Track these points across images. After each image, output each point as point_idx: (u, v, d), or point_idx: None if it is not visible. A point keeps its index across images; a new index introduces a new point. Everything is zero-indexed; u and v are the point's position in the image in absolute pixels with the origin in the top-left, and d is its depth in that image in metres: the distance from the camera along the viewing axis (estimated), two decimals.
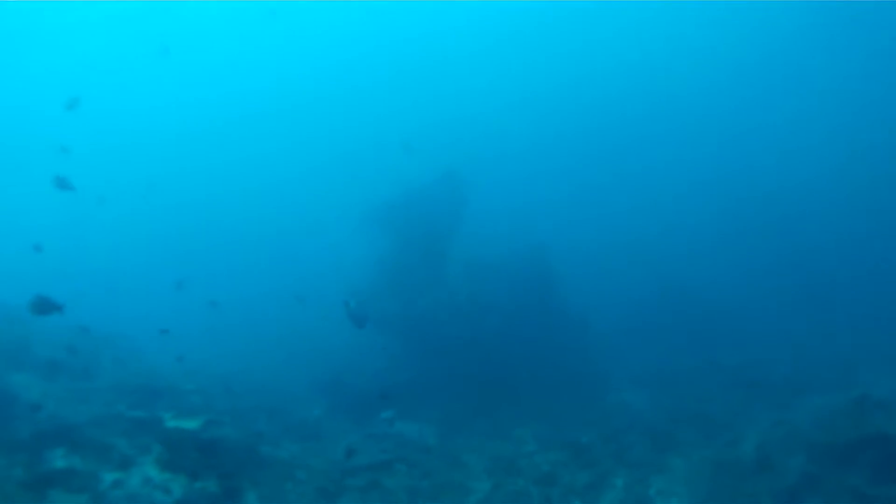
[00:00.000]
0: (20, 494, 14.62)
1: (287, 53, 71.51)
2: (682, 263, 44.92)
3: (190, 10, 66.52)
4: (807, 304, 39.14)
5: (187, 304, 37.86)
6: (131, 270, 58.51)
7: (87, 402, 22.39)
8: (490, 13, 63.58)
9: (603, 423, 25.17)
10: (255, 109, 72.97)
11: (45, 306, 16.97)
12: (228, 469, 17.95)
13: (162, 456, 17.58)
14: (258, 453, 20.56)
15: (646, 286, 42.45)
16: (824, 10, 50.68)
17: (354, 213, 35.85)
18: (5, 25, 63.25)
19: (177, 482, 16.77)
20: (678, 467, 21.07)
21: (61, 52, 68.25)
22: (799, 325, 36.61)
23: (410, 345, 31.21)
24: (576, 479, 20.25)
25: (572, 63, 63.17)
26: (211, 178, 73.26)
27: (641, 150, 59.93)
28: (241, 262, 58.74)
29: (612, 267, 45.64)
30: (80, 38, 67.61)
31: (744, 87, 60.31)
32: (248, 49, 71.50)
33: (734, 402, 27.18)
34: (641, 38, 61.40)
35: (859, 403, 21.81)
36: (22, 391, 21.55)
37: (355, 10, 66.18)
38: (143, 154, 73.84)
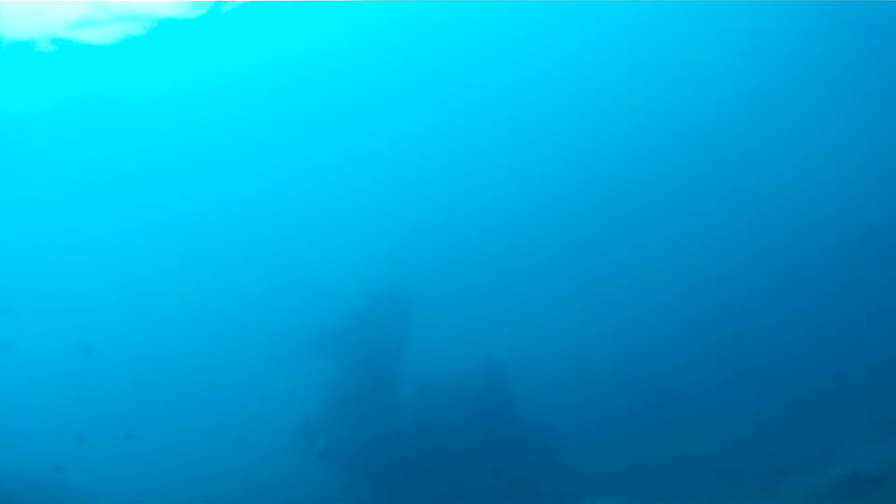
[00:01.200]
0: None
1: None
2: (642, 354, 43.49)
3: None
4: (775, 380, 37.59)
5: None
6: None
7: None
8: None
9: None
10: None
11: None
12: None
13: None
14: None
15: (608, 384, 40.70)
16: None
17: (295, 342, 33.95)
18: None
19: None
20: None
21: None
22: (770, 403, 34.97)
23: (363, 475, 29.13)
24: None
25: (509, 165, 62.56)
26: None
27: (593, 245, 58.72)
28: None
29: (571, 367, 43.91)
30: None
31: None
32: None
33: (716, 495, 25.37)
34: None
35: (851, 481, 20.01)
36: None
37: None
38: None
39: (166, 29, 39.16)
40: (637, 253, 56.70)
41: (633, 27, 52.77)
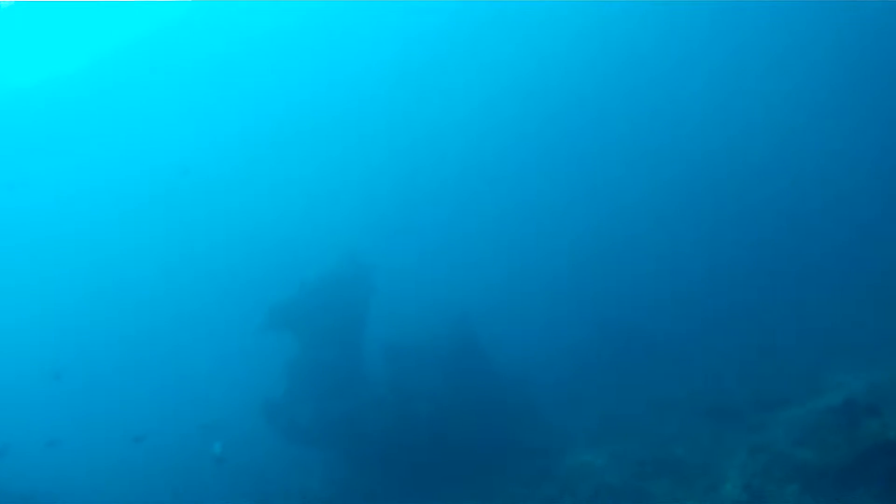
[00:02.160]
0: None
1: None
2: (614, 296, 42.35)
3: None
4: (754, 312, 36.72)
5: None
6: None
7: None
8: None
9: (566, 496, 22.01)
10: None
11: None
12: None
13: None
14: None
15: (581, 329, 39.55)
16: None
17: (253, 318, 31.95)
18: None
19: None
20: None
21: None
22: (749, 337, 34.13)
23: (332, 453, 27.76)
24: None
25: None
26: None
27: (563, 172, 57.16)
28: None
29: (542, 316, 42.71)
30: None
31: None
32: None
33: (702, 436, 24.36)
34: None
35: (846, 411, 19.04)
36: None
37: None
38: None
39: None
40: (609, 184, 55.49)
41: None
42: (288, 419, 27.11)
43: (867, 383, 24.71)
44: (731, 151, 51.99)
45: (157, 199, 64.26)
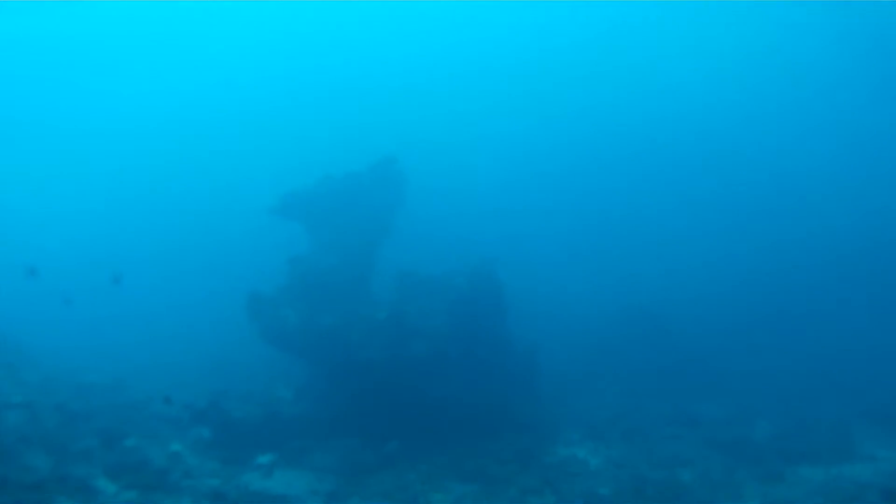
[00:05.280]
0: None
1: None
2: (654, 289, 39.32)
3: None
4: (797, 352, 33.66)
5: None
6: None
7: None
8: None
9: (546, 490, 19.33)
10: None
11: None
12: None
13: None
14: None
15: (610, 317, 36.67)
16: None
17: (266, 202, 29.11)
18: None
19: None
20: None
21: None
22: (789, 377, 31.12)
23: (314, 367, 25.14)
24: None
25: (539, 57, 57.59)
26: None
27: (617, 155, 54.12)
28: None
29: (571, 291, 39.83)
30: None
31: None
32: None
33: (713, 467, 21.71)
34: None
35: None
36: None
37: None
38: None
39: None
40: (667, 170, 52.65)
41: None
42: (273, 319, 24.49)
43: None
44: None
45: None
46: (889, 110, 47.74)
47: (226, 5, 56.98)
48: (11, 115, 62.52)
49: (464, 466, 20.63)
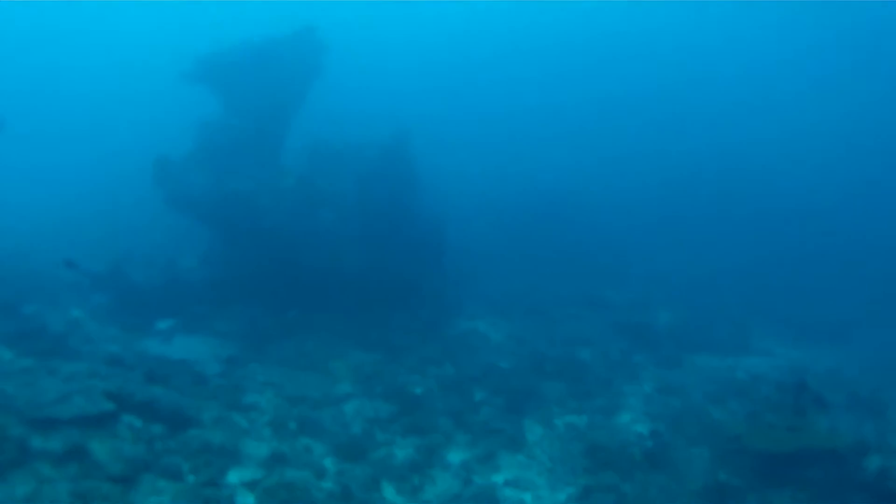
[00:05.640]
0: None
1: None
2: (567, 172, 39.20)
3: None
4: (704, 248, 34.18)
5: None
6: None
7: None
8: None
9: (446, 361, 19.21)
10: None
11: None
12: None
13: None
14: None
15: (520, 200, 36.44)
16: None
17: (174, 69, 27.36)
18: None
19: None
20: (537, 442, 15.29)
21: None
22: (695, 270, 31.60)
23: (219, 233, 24.22)
24: (394, 452, 14.08)
25: None
26: None
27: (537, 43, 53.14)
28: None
29: (483, 172, 39.40)
30: None
31: None
32: None
33: (613, 349, 22.01)
34: None
35: (794, 393, 16.35)
36: None
37: None
38: None
39: None
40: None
41: None
42: (179, 184, 23.32)
43: (793, 359, 23.19)
44: None
45: None
46: None
47: None
48: None
49: (365, 336, 20.33)
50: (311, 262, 22.25)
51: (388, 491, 12.83)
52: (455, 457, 14.29)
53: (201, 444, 12.84)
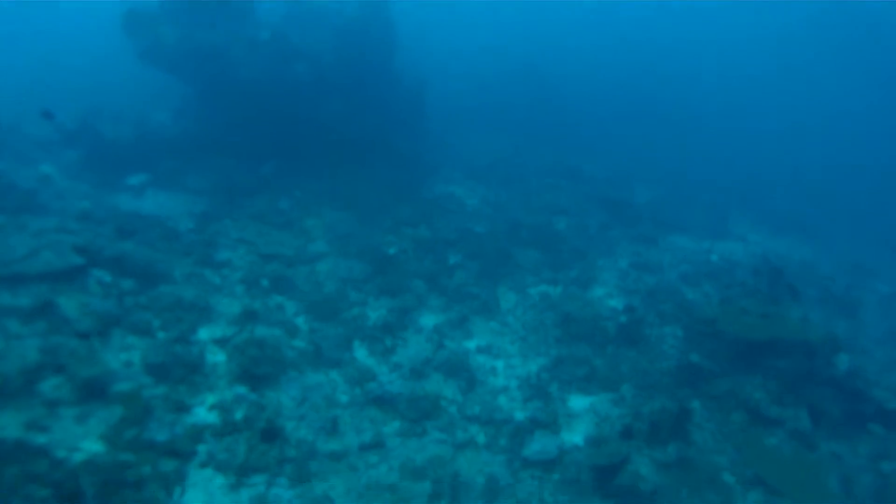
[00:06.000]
0: None
1: None
2: (547, 50, 38.12)
3: None
4: (692, 135, 33.77)
5: None
6: None
7: None
8: None
9: (421, 223, 18.88)
10: None
11: None
12: None
13: None
14: None
15: (503, 71, 35.48)
16: None
17: None
18: None
19: None
20: (510, 310, 15.22)
21: None
22: (678, 152, 31.25)
23: (192, 87, 23.25)
24: (367, 313, 13.93)
25: None
26: None
27: None
28: None
29: (466, 42, 38.17)
30: None
31: None
32: None
33: (590, 222, 21.74)
34: None
35: (767, 279, 16.25)
36: None
37: None
38: None
39: None
40: None
41: None
42: (151, 36, 22.11)
43: (769, 248, 23.09)
44: None
45: None
46: None
47: None
48: None
49: (340, 194, 19.88)
50: (287, 117, 21.60)
51: (360, 352, 12.75)
52: (428, 320, 14.21)
53: (172, 300, 12.61)
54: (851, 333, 17.43)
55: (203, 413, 10.46)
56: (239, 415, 10.48)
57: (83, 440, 9.24)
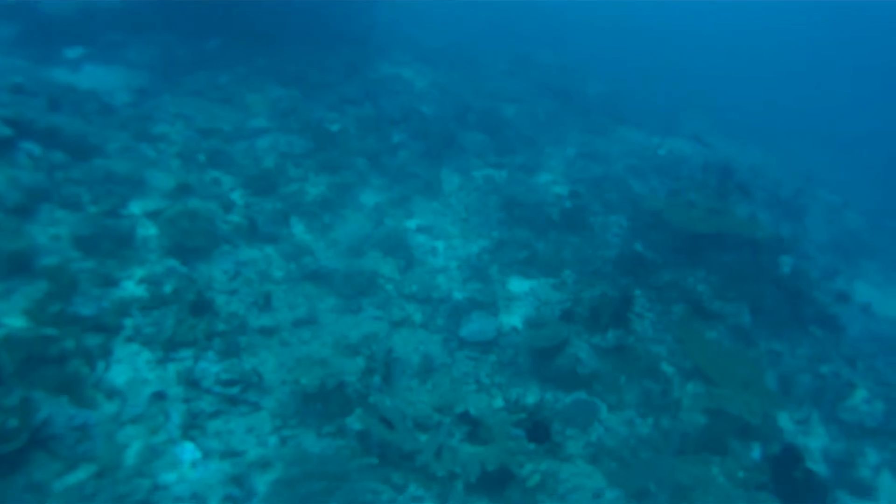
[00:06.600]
0: None
1: None
2: None
3: None
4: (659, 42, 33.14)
5: None
6: None
7: None
8: None
9: (366, 102, 18.22)
10: None
11: None
12: None
13: None
14: None
15: None
16: None
17: None
18: None
19: None
20: (453, 192, 14.86)
21: None
22: (644, 58, 30.66)
23: None
24: (306, 189, 13.41)
25: None
26: None
27: None
28: None
29: None
30: None
31: None
32: None
33: (539, 110, 21.24)
34: None
35: (717, 175, 16.06)
36: None
37: None
38: None
39: None
40: None
41: None
42: None
43: (719, 148, 23.01)
44: None
45: None
46: None
47: None
48: None
49: (284, 71, 19.00)
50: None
51: (298, 227, 12.29)
52: (368, 198, 13.76)
53: (104, 174, 11.89)
54: (796, 238, 17.43)
55: (132, 287, 9.95)
56: (168, 288, 9.98)
57: (5, 316, 8.72)
